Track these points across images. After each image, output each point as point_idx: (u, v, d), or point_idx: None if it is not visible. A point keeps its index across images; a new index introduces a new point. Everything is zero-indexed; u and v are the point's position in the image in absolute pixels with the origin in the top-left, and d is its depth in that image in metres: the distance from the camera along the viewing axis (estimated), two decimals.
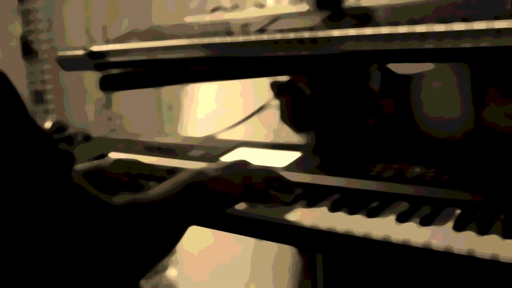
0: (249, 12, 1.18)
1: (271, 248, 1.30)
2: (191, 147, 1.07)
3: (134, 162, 0.90)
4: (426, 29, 0.65)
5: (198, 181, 0.67)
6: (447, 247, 0.57)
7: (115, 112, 1.90)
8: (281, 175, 0.76)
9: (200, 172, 0.69)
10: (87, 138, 1.52)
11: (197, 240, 1.39)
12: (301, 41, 0.76)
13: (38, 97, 1.99)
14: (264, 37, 0.80)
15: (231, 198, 0.71)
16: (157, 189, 0.64)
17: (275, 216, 0.71)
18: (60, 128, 1.99)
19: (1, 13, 1.95)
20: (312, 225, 0.67)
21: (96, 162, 0.88)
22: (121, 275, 0.55)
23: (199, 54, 0.89)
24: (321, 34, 0.74)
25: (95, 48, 1.03)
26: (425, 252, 0.58)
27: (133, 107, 1.83)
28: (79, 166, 0.85)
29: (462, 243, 0.58)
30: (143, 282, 0.61)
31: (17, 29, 1.89)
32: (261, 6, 1.20)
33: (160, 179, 0.89)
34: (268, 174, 0.75)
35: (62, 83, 2.04)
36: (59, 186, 0.51)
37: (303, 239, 0.69)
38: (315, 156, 0.91)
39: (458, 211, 0.66)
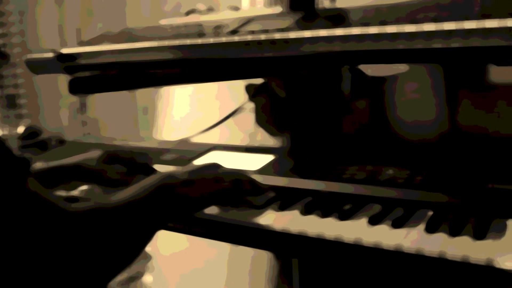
0: (224, 15, 1.17)
1: (247, 252, 1.28)
2: (165, 150, 1.05)
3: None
4: (397, 29, 0.65)
5: (166, 184, 0.65)
6: (418, 249, 0.57)
7: (90, 116, 1.87)
8: (251, 178, 0.75)
9: (168, 175, 0.67)
10: (61, 142, 1.49)
11: (172, 245, 1.38)
12: (272, 42, 0.75)
13: (11, 101, 1.95)
14: (235, 38, 0.79)
15: (201, 201, 0.69)
16: (123, 193, 0.62)
17: (247, 220, 0.70)
18: (34, 133, 1.95)
19: None
20: (284, 229, 0.66)
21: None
22: (84, 281, 0.53)
23: (171, 56, 0.87)
24: (292, 35, 0.73)
25: (65, 51, 1.01)
26: (397, 255, 0.58)
27: (108, 111, 1.80)
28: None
29: (434, 244, 0.57)
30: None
31: None
32: (236, 8, 1.19)
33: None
34: (238, 177, 0.73)
35: (35, 87, 2.00)
36: (11, 194, 0.49)
37: (275, 243, 0.68)
38: (289, 159, 0.90)
39: (430, 213, 0.66)
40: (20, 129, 1.85)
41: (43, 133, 1.93)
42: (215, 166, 0.74)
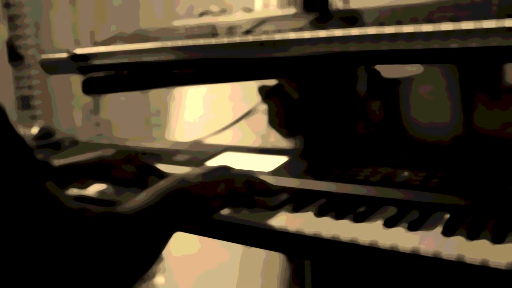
0: (237, 16, 1.17)
1: (259, 254, 1.28)
2: (177, 152, 1.05)
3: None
4: (414, 29, 0.64)
5: (180, 188, 0.65)
6: (436, 252, 0.56)
7: (103, 118, 1.88)
8: (263, 179, 0.75)
9: (181, 179, 0.67)
10: (74, 143, 1.50)
11: (184, 247, 1.37)
12: (287, 42, 0.74)
13: (25, 102, 1.96)
14: (249, 38, 0.78)
15: (215, 204, 0.69)
16: (139, 198, 0.62)
17: (261, 221, 0.69)
18: (47, 134, 1.97)
19: None
20: (298, 230, 0.65)
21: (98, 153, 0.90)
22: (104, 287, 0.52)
23: (185, 56, 0.87)
24: (307, 35, 0.72)
25: (79, 51, 1.01)
26: (414, 258, 0.57)
27: (121, 112, 1.80)
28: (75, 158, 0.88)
29: (451, 248, 0.56)
30: None
31: (3, 34, 1.87)
32: (249, 10, 1.19)
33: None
34: (250, 179, 0.73)
35: (49, 88, 2.01)
36: (31, 196, 0.49)
37: (288, 245, 0.68)
38: (303, 160, 0.90)
39: (447, 216, 0.65)
40: (34, 130, 1.87)
41: (56, 134, 1.94)
42: (226, 168, 0.73)
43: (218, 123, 1.28)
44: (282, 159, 0.91)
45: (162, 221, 0.62)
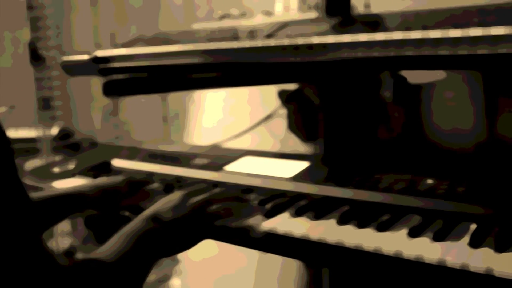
0: (257, 20, 1.16)
1: (276, 260, 1.26)
2: (196, 155, 1.04)
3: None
4: (441, 34, 0.62)
5: (151, 229, 0.64)
6: (463, 264, 0.54)
7: (122, 120, 1.89)
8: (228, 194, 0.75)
9: (152, 217, 0.66)
10: (93, 144, 1.51)
11: (201, 250, 1.37)
12: (310, 46, 0.73)
13: (46, 103, 1.98)
14: (272, 42, 0.77)
15: (192, 238, 0.68)
16: (109, 246, 0.61)
17: (282, 229, 0.68)
18: (66, 135, 1.99)
19: (10, 20, 1.95)
20: (320, 238, 0.64)
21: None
22: None
23: (205, 60, 0.87)
24: (331, 39, 0.71)
25: (100, 53, 1.02)
26: (440, 269, 0.55)
27: (139, 115, 1.81)
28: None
29: (479, 260, 0.54)
30: None
31: (26, 36, 1.89)
32: (270, 14, 1.18)
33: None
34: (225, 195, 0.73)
35: (69, 90, 2.03)
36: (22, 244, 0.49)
37: (309, 253, 0.66)
38: (323, 166, 0.88)
39: (473, 226, 0.63)
40: (54, 131, 1.88)
41: (75, 135, 1.96)
42: (193, 193, 0.71)
43: (236, 127, 1.28)
44: (303, 165, 0.90)
45: (136, 269, 0.62)
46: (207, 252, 1.33)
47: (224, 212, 0.70)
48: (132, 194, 0.86)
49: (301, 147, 1.15)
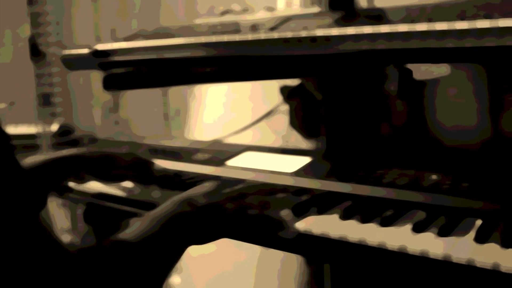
0: (259, 15, 1.15)
1: (276, 256, 1.26)
2: (197, 150, 1.04)
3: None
4: (447, 26, 0.61)
5: (183, 212, 0.61)
6: (469, 259, 0.53)
7: (122, 116, 1.88)
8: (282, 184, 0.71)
9: (185, 201, 0.62)
10: (93, 141, 1.50)
11: (201, 246, 1.36)
12: (313, 39, 0.72)
13: (46, 99, 1.97)
14: (275, 35, 0.76)
15: (223, 228, 0.64)
16: (137, 226, 0.58)
17: (284, 224, 0.67)
18: (67, 131, 1.98)
19: (10, 16, 1.94)
20: (323, 233, 0.63)
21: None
22: None
23: (207, 53, 0.85)
24: (334, 32, 0.70)
25: (100, 47, 1.01)
26: (445, 265, 0.54)
27: (140, 111, 1.80)
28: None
29: (485, 256, 0.53)
30: None
31: (26, 31, 1.88)
32: (272, 9, 1.17)
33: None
34: (261, 187, 0.69)
35: (69, 86, 2.02)
36: (24, 228, 0.47)
37: (312, 248, 0.65)
38: (326, 161, 0.88)
39: (479, 222, 0.62)
40: (54, 127, 1.88)
41: (75, 131, 1.95)
42: (228, 183, 0.69)
43: (238, 122, 1.27)
44: (305, 160, 0.89)
45: (163, 254, 0.58)
46: (206, 249, 1.32)
47: (258, 205, 0.66)
48: (133, 166, 0.86)
49: (303, 143, 1.14)
